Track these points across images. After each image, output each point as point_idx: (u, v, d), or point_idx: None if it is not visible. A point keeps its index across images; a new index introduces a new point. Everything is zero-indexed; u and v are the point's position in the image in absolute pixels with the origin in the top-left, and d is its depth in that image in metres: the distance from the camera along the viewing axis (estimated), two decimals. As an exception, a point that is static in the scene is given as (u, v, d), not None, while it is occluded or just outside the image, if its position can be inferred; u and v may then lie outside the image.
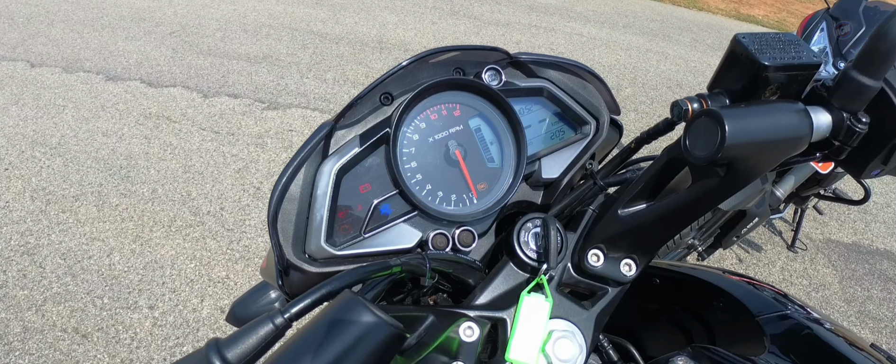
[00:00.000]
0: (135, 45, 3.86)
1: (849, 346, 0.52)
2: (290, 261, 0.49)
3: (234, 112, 3.20)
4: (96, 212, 2.41)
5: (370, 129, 0.52)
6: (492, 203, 0.56)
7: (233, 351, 0.33)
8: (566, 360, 0.45)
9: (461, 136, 0.57)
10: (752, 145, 0.40)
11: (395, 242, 0.53)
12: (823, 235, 2.98)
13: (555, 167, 0.61)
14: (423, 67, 0.55)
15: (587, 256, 0.50)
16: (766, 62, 0.43)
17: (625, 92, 4.16)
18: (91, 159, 2.72)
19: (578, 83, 0.62)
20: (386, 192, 0.53)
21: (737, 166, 0.42)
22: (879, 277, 2.77)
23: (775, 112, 0.42)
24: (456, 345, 0.43)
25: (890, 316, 2.55)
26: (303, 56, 3.94)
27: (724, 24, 6.54)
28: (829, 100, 0.45)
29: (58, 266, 2.15)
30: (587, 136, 0.63)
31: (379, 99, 0.54)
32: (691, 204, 0.45)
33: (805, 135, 0.42)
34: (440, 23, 4.83)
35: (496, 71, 0.58)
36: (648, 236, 0.49)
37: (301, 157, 0.49)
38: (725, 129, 0.38)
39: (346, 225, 0.52)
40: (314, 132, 0.50)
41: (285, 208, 0.49)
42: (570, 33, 5.09)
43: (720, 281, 0.59)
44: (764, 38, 0.45)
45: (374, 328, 0.33)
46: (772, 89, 0.45)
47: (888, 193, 3.52)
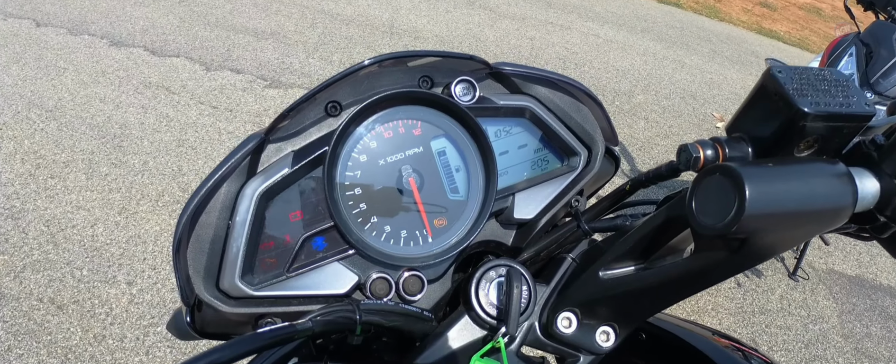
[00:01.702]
0: (143, 12, 3.79)
1: None
2: (200, 297, 0.42)
3: (234, 88, 3.13)
4: (85, 180, 2.36)
5: (309, 146, 0.44)
6: (449, 244, 0.47)
7: None
8: None
9: (419, 160, 0.48)
10: (777, 217, 0.32)
11: (324, 285, 0.45)
12: (827, 266, 2.90)
13: (531, 205, 0.51)
14: (384, 73, 0.46)
15: (557, 319, 0.42)
16: (807, 108, 0.34)
17: (636, 99, 4.06)
18: (86, 125, 2.67)
19: (571, 104, 0.52)
20: (320, 223, 0.45)
21: (754, 241, 0.33)
22: (880, 314, 2.69)
23: (812, 175, 0.33)
24: None
25: (888, 356, 2.48)
26: (311, 35, 3.86)
27: (745, 37, 6.40)
28: (880, 162, 0.35)
29: (41, 233, 2.10)
30: (575, 169, 0.53)
31: (325, 108, 0.45)
32: (690, 278, 0.37)
33: (847, 206, 0.34)
34: (455, 12, 4.73)
35: (469, 84, 0.48)
36: (633, 306, 0.41)
37: (220, 174, 0.41)
38: (745, 195, 0.30)
39: (271, 259, 0.44)
40: (239, 145, 0.42)
41: (198, 234, 0.41)
42: (585, 33, 4.98)
43: (708, 348, 0.52)
44: (806, 74, 0.36)
45: None
46: (808, 142, 0.36)
47: None
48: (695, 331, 0.56)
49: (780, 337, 2.39)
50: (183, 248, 0.41)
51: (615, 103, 3.91)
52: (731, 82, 4.80)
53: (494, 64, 0.48)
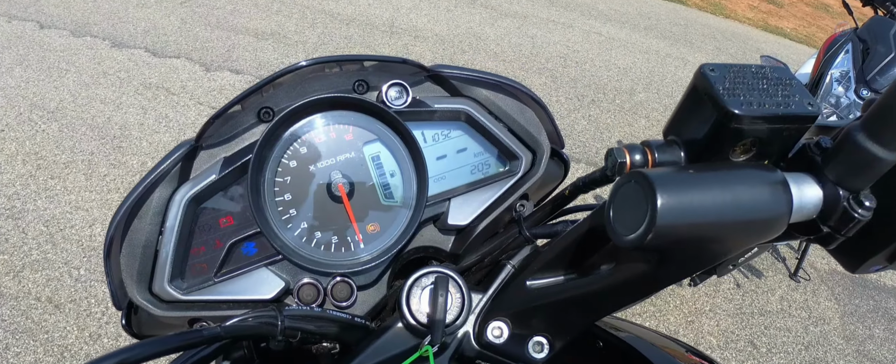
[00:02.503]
0: (144, 13, 3.81)
1: None
2: (133, 300, 0.42)
3: (234, 88, 3.14)
4: (84, 181, 2.38)
5: (239, 152, 0.44)
6: (381, 250, 0.47)
7: None
8: None
9: (351, 165, 0.47)
10: (696, 227, 0.29)
11: (251, 291, 0.45)
12: (829, 266, 2.86)
13: (467, 210, 0.50)
14: (319, 78, 0.46)
15: (488, 329, 0.41)
16: (738, 110, 0.31)
17: (638, 97, 4.04)
18: (86, 126, 2.69)
19: (514, 106, 0.51)
20: (249, 228, 0.45)
21: (673, 255, 0.31)
22: (884, 316, 2.66)
23: (738, 182, 0.30)
24: None
25: (890, 358, 2.44)
26: (310, 35, 3.86)
27: (751, 35, 6.35)
28: (823, 169, 0.33)
29: (40, 233, 2.12)
30: (516, 173, 0.52)
31: (258, 114, 0.45)
32: (613, 291, 0.36)
33: (780, 216, 0.31)
34: (455, 10, 4.72)
35: (402, 87, 0.47)
36: (562, 317, 0.39)
37: (150, 180, 0.42)
38: (656, 205, 0.28)
39: (201, 264, 0.45)
40: (171, 151, 0.43)
41: (131, 239, 0.42)
42: (588, 31, 4.95)
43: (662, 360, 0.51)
44: (742, 72, 0.33)
45: None
46: (744, 146, 0.34)
47: (902, 224, 3.39)
48: (657, 343, 0.55)
49: (779, 339, 2.36)
50: (114, 252, 0.41)
51: (616, 101, 3.89)
52: (736, 80, 4.76)
53: (432, 66, 0.48)
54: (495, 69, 3.83)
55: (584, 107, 3.73)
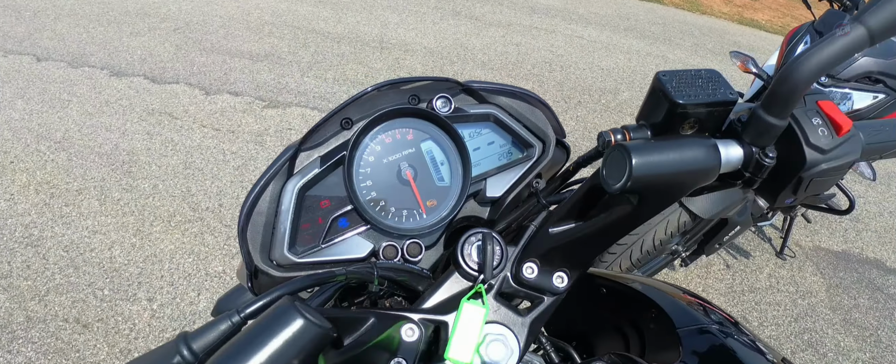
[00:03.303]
0: (139, 41, 3.92)
1: (756, 356, 0.57)
2: (258, 266, 0.54)
3: (234, 110, 3.25)
4: (98, 206, 2.47)
5: (331, 151, 0.57)
6: (439, 218, 0.61)
7: (198, 343, 0.39)
8: (496, 361, 0.50)
9: (413, 157, 0.62)
10: (658, 177, 0.43)
11: (349, 252, 0.58)
12: (813, 243, 3.02)
13: (499, 186, 0.65)
14: (381, 95, 0.60)
15: (523, 269, 0.54)
16: (680, 100, 0.47)
17: (622, 96, 4.19)
18: (94, 154, 2.78)
19: (526, 108, 0.66)
20: (343, 207, 0.59)
21: (647, 195, 0.45)
22: (867, 286, 2.81)
23: (684, 147, 0.45)
24: (396, 343, 0.48)
25: (875, 325, 2.59)
26: (304, 55, 3.99)
27: (727, 29, 6.56)
28: (742, 135, 0.48)
29: (60, 258, 2.21)
30: (532, 158, 0.67)
31: (340, 123, 0.58)
32: (611, 226, 0.49)
33: (712, 168, 0.46)
34: (441, 23, 4.87)
35: (447, 99, 0.62)
36: (576, 252, 0.53)
37: (267, 176, 0.54)
38: (632, 163, 0.42)
39: (308, 235, 0.57)
40: (280, 154, 0.55)
41: (254, 220, 0.54)
42: (570, 35, 5.12)
43: (656, 294, 0.64)
44: (684, 75, 0.48)
45: (301, 329, 0.38)
46: (690, 123, 0.49)
47: (881, 202, 3.56)
48: (651, 282, 0.68)
49: (769, 313, 2.50)
50: (245, 231, 0.54)
51: (601, 101, 4.04)
52: (714, 74, 4.93)
53: (465, 82, 0.62)
54: (484, 77, 3.97)
55: (571, 108, 3.88)
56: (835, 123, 0.48)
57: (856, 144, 0.50)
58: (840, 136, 0.48)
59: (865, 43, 0.44)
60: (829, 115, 0.48)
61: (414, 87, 0.61)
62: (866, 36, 0.43)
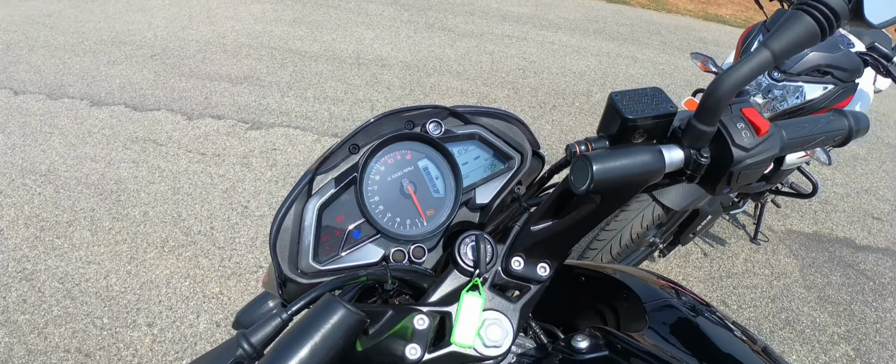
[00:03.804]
0: (117, 70, 3.94)
1: (713, 324, 0.67)
2: (287, 275, 0.62)
3: (218, 133, 3.30)
4: (90, 236, 2.50)
5: (342, 174, 0.66)
6: (437, 225, 0.70)
7: (255, 338, 0.47)
8: (495, 341, 0.59)
9: (412, 174, 0.71)
10: (615, 179, 0.53)
11: (364, 258, 0.67)
12: (785, 227, 3.16)
13: (486, 194, 0.75)
14: (382, 123, 0.69)
15: (511, 262, 0.64)
16: (629, 115, 0.56)
17: (595, 97, 4.33)
18: (81, 185, 2.81)
19: (505, 126, 0.76)
20: (356, 220, 0.67)
21: (607, 195, 0.55)
22: (839, 264, 2.96)
23: (635, 154, 0.55)
24: (411, 332, 0.56)
25: (849, 300, 2.73)
26: (283, 75, 4.05)
27: (693, 26, 6.78)
28: (682, 140, 0.58)
29: (56, 290, 2.23)
30: (513, 168, 0.77)
31: (348, 149, 0.67)
32: (581, 221, 0.59)
33: (658, 169, 0.55)
34: (415, 36, 4.98)
35: (438, 122, 0.72)
36: (555, 245, 0.63)
37: (292, 198, 0.63)
38: (593, 170, 0.52)
39: (328, 246, 0.66)
40: (300, 178, 0.64)
41: (281, 236, 0.63)
42: (541, 41, 5.26)
43: (628, 278, 0.74)
44: (633, 94, 0.59)
45: (343, 316, 0.47)
46: (640, 132, 0.59)
47: (848, 184, 3.74)
48: (624, 269, 0.77)
49: (747, 295, 2.62)
50: (275, 247, 0.62)
51: (575, 104, 4.17)
52: (683, 70, 5.11)
53: (451, 107, 0.72)
54: (461, 87, 4.08)
55: (546, 113, 4.00)
56: (755, 126, 0.58)
57: (775, 142, 0.60)
58: (760, 137, 0.58)
59: (770, 63, 0.54)
60: (751, 120, 0.58)
61: (411, 115, 0.70)
62: (770, 58, 0.53)
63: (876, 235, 3.26)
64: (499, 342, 0.59)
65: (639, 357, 0.60)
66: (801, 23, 0.54)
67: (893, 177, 3.96)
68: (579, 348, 0.60)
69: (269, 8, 5.27)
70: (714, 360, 0.62)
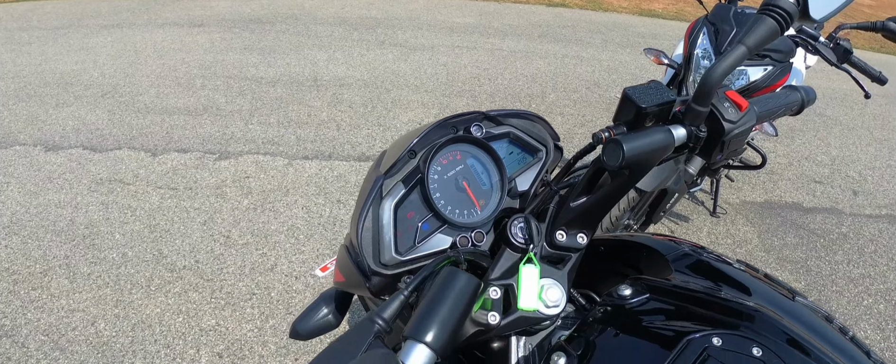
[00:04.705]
0: (68, 112, 3.83)
1: (733, 266, 0.79)
2: (373, 268, 0.70)
3: (186, 167, 3.26)
4: (69, 284, 2.44)
5: (407, 176, 0.75)
6: (490, 212, 0.79)
7: (386, 314, 0.55)
8: (555, 300, 0.69)
9: (464, 171, 0.80)
10: (640, 155, 0.66)
11: (436, 246, 0.75)
12: (740, 199, 3.41)
13: (525, 182, 0.85)
14: (433, 131, 0.79)
15: (555, 236, 0.74)
16: (643, 105, 0.70)
17: (549, 98, 4.52)
18: (50, 233, 2.73)
19: (530, 124, 0.87)
20: (425, 215, 0.76)
21: (634, 167, 0.67)
22: (791, 226, 3.22)
23: (652, 135, 0.68)
24: (490, 303, 0.66)
25: (804, 257, 2.98)
26: (242, 103, 4.03)
27: (630, 22, 7.14)
28: (683, 120, 0.73)
29: (42, 343, 2.17)
30: (541, 159, 0.88)
31: (408, 155, 0.76)
32: (613, 192, 0.71)
33: (670, 144, 0.70)
34: (368, 54, 5.05)
35: (479, 125, 0.82)
36: (591, 216, 0.74)
37: (370, 200, 0.71)
38: (624, 150, 0.64)
39: (403, 240, 0.73)
40: (373, 184, 0.72)
41: (363, 236, 0.70)
42: (491, 49, 5.44)
43: (643, 239, 0.85)
44: (641, 88, 0.73)
45: (466, 282, 0.57)
46: (650, 117, 0.72)
47: (789, 154, 4.05)
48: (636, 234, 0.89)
49: (717, 266, 2.82)
50: (361, 245, 0.70)
51: (532, 106, 4.35)
52: (626, 65, 5.39)
53: (486, 112, 0.82)
54: (421, 100, 4.19)
55: (507, 115, 4.14)
56: (737, 104, 0.75)
57: (752, 115, 0.77)
58: (742, 111, 0.75)
59: (746, 55, 0.70)
60: (733, 99, 0.75)
61: (455, 121, 0.80)
62: (746, 51, 0.70)
63: (820, 197, 3.56)
64: (557, 301, 0.69)
65: (676, 295, 0.71)
66: (765, 23, 0.70)
67: (828, 143, 4.32)
68: (624, 295, 0.71)
69: (217, 37, 5.23)
70: (743, 290, 0.74)
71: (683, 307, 0.69)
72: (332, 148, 3.53)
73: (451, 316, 0.55)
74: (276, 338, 2.22)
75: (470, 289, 0.57)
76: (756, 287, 0.75)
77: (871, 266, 3.00)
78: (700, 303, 0.70)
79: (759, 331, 0.64)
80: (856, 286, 2.84)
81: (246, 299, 2.39)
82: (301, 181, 3.18)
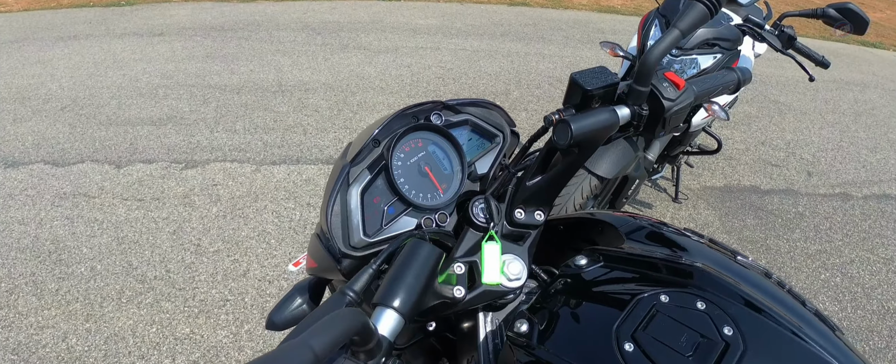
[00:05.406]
0: (26, 127, 3.73)
1: (682, 235, 0.85)
2: (343, 251, 0.74)
3: (152, 177, 3.22)
4: (36, 301, 2.39)
5: (372, 163, 0.79)
6: (452, 195, 0.84)
7: (357, 286, 0.60)
8: (516, 274, 0.74)
9: (426, 157, 0.84)
10: (587, 133, 0.71)
11: (402, 228, 0.79)
12: (700, 184, 3.54)
13: (484, 166, 0.90)
14: (394, 120, 0.82)
15: (514, 214, 0.79)
16: (589, 87, 0.74)
17: (513, 95, 4.60)
18: (14, 251, 2.67)
19: (487, 112, 0.92)
20: (390, 199, 0.80)
21: (583, 145, 0.73)
22: (750, 208, 3.36)
23: (598, 115, 0.73)
24: (454, 278, 0.71)
25: (763, 237, 3.12)
26: (207, 111, 4.00)
27: (589, 18, 7.29)
28: (626, 100, 0.79)
29: (12, 363, 2.13)
30: (499, 144, 0.93)
31: (371, 144, 0.80)
32: (565, 170, 0.76)
33: (615, 123, 0.75)
34: (333, 58, 5.05)
35: (438, 114, 0.86)
36: (546, 194, 0.79)
37: (338, 187, 0.74)
38: (572, 129, 0.69)
39: (370, 223, 0.77)
40: (340, 172, 0.75)
41: (332, 220, 0.74)
42: (454, 49, 5.50)
43: (600, 216, 0.91)
44: (587, 72, 0.78)
45: (429, 251, 0.63)
46: (596, 99, 0.77)
47: (746, 140, 4.22)
48: (595, 213, 0.94)
49: (681, 249, 2.93)
50: (330, 229, 0.73)
51: (497, 103, 4.41)
52: (588, 60, 5.52)
53: (445, 101, 0.86)
54: (387, 101, 4.21)
55: (474, 113, 4.20)
56: (675, 83, 0.80)
57: (690, 93, 0.83)
58: (680, 90, 0.80)
59: (679, 38, 0.75)
60: (672, 79, 0.81)
61: (415, 111, 0.84)
62: (679, 34, 0.75)
63: (776, 179, 3.72)
64: (519, 275, 0.74)
65: (627, 261, 0.77)
66: (696, 8, 0.77)
67: (782, 128, 4.52)
68: (580, 265, 0.76)
69: (178, 46, 5.15)
70: (689, 253, 0.80)
71: (634, 271, 0.75)
72: (300, 152, 3.53)
73: (416, 282, 0.60)
74: (252, 342, 2.22)
75: (433, 257, 0.62)
76: (701, 250, 0.81)
77: (827, 242, 3.16)
78: (649, 266, 0.75)
79: (703, 287, 0.70)
80: (813, 261, 2.99)
81: (220, 306, 2.38)
82: (270, 186, 3.18)
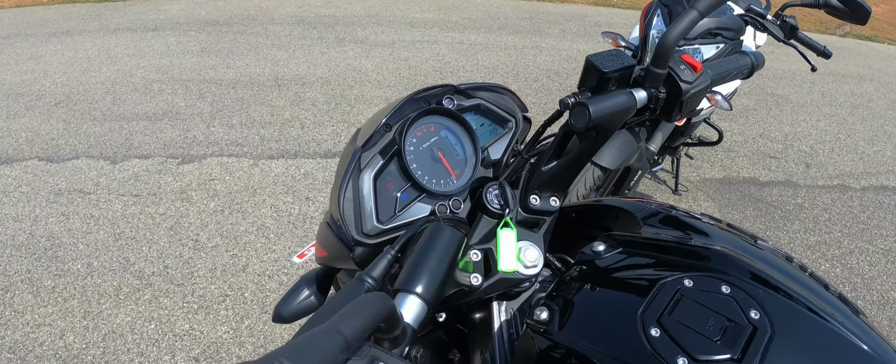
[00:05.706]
0: (20, 123, 3.69)
1: (700, 220, 0.83)
2: (356, 238, 0.71)
3: (148, 172, 3.19)
4: (32, 298, 2.36)
5: (384, 148, 0.77)
6: (466, 181, 0.82)
7: (375, 273, 0.58)
8: (533, 261, 0.72)
9: (439, 142, 0.82)
10: (605, 116, 0.69)
11: (416, 214, 0.77)
12: (700, 176, 3.53)
13: (497, 152, 0.88)
14: (406, 104, 0.80)
15: (529, 200, 0.77)
16: (606, 70, 0.72)
17: (511, 88, 4.56)
18: (8, 248, 2.63)
19: (498, 96, 0.90)
20: (403, 185, 0.78)
21: (600, 129, 0.71)
22: (749, 199, 3.35)
23: (615, 97, 0.71)
24: (472, 266, 0.69)
25: (764, 228, 3.11)
26: (203, 106, 3.96)
27: (586, 12, 7.26)
28: (643, 83, 0.76)
29: (9, 361, 2.10)
30: (511, 129, 0.90)
31: (383, 129, 0.77)
32: (581, 155, 0.74)
33: (632, 106, 0.73)
34: (329, 52, 5.01)
35: (450, 98, 0.84)
36: (562, 180, 0.77)
37: (349, 173, 0.72)
38: (590, 111, 0.67)
39: (384, 210, 0.75)
40: (351, 157, 0.73)
41: (344, 206, 0.71)
42: (451, 42, 5.46)
43: (613, 202, 0.89)
44: (602, 54, 0.76)
45: (451, 234, 0.61)
46: (612, 82, 0.75)
47: (744, 132, 4.21)
48: (607, 200, 0.92)
49: (682, 241, 2.92)
50: (343, 215, 0.71)
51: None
52: (585, 53, 5.48)
53: (457, 85, 0.83)
54: (384, 95, 4.18)
55: (472, 106, 4.18)
56: (692, 66, 0.78)
57: (707, 76, 0.80)
58: (697, 73, 0.78)
59: (697, 20, 0.73)
60: (689, 62, 0.78)
61: (426, 95, 0.81)
62: (698, 15, 0.73)
63: (775, 171, 3.72)
64: (535, 261, 0.72)
65: (647, 246, 0.75)
66: None
67: (780, 121, 4.51)
68: (598, 251, 0.74)
69: (173, 41, 5.10)
70: (709, 238, 0.78)
71: (655, 256, 0.73)
72: (298, 146, 3.50)
73: (440, 266, 0.58)
74: (252, 338, 2.20)
75: (455, 240, 0.60)
76: (721, 234, 0.80)
77: (826, 233, 3.15)
78: (670, 251, 0.74)
79: (726, 271, 0.68)
80: (813, 252, 2.99)
81: (219, 301, 2.36)
82: (268, 181, 3.15)
